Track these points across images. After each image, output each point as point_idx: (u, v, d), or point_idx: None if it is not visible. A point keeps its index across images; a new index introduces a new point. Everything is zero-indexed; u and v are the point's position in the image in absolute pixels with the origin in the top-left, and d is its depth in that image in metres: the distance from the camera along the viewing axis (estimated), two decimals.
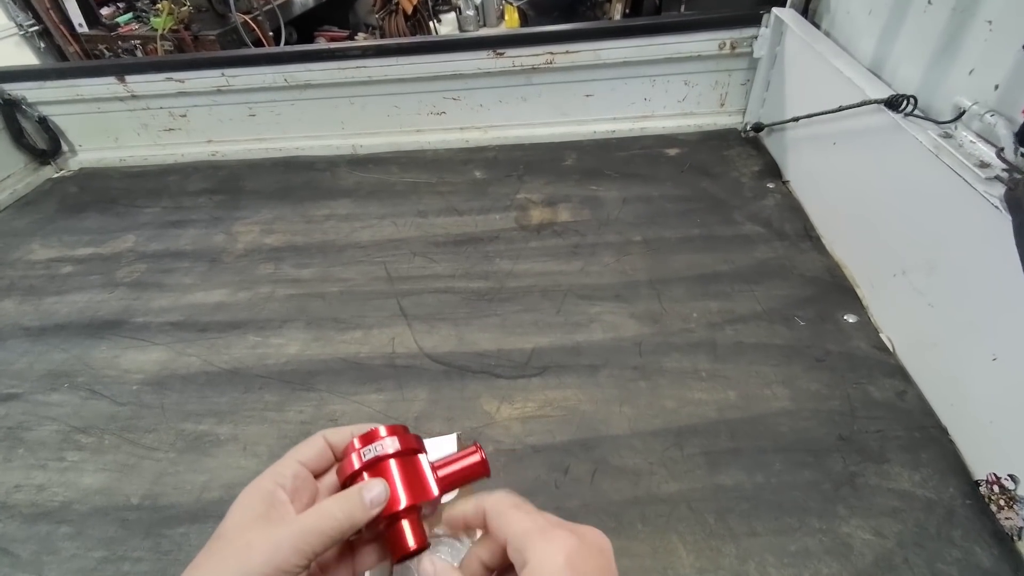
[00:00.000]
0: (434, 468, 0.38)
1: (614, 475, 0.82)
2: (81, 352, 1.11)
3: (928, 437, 0.83)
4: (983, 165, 0.77)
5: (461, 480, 0.38)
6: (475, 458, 0.39)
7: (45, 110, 1.71)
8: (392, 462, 0.36)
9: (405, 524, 0.36)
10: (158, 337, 1.13)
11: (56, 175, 1.80)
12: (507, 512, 0.34)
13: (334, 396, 0.98)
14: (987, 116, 0.80)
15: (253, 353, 1.08)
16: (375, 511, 0.34)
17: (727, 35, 1.48)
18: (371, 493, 0.34)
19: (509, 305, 1.13)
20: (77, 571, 0.77)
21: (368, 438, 0.37)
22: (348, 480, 0.36)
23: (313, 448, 0.38)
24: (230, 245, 1.38)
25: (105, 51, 2.55)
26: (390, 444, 0.36)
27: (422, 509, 0.37)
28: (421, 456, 0.38)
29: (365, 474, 0.36)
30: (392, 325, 1.11)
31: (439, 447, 0.60)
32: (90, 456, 0.92)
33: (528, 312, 1.11)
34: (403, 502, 0.35)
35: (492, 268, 1.23)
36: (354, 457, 0.36)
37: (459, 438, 0.61)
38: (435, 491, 0.37)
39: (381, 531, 0.36)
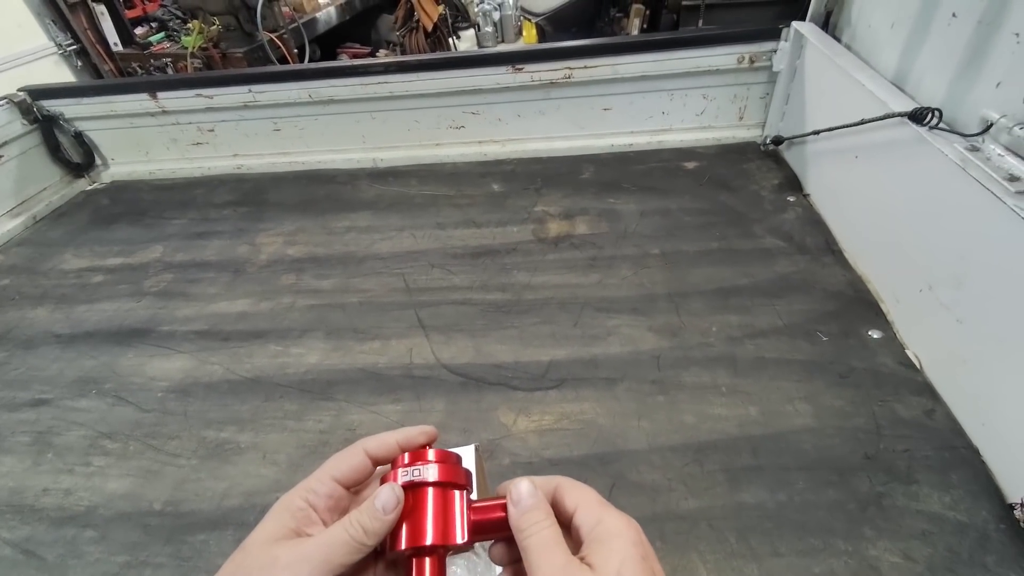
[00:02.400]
0: (472, 509, 0.36)
1: (632, 491, 0.81)
2: (109, 359, 1.14)
3: (958, 457, 0.80)
4: (1012, 179, 0.76)
5: (494, 530, 0.36)
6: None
7: (81, 125, 1.79)
8: (431, 491, 0.35)
9: (427, 563, 0.34)
10: (183, 345, 1.16)
11: (89, 187, 1.87)
12: (582, 487, 0.36)
13: (352, 406, 0.99)
14: (1016, 129, 0.78)
15: (274, 362, 1.09)
16: (390, 517, 0.34)
17: (746, 49, 1.48)
18: (380, 500, 0.34)
19: (526, 317, 1.13)
20: (101, 575, 0.78)
21: (417, 456, 0.36)
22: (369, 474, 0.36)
23: (350, 462, 0.37)
24: (254, 256, 1.41)
25: (138, 69, 2.64)
26: (433, 472, 0.35)
27: (450, 550, 0.36)
28: (463, 493, 0.37)
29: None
30: (410, 336, 1.12)
31: None
32: (115, 462, 0.94)
33: (545, 324, 1.11)
34: (429, 538, 0.34)
35: (510, 280, 1.23)
36: (399, 473, 0.35)
37: (477, 449, 0.61)
38: (463, 537, 0.35)
39: (403, 559, 0.35)
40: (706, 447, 0.85)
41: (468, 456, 0.61)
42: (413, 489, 0.35)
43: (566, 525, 0.35)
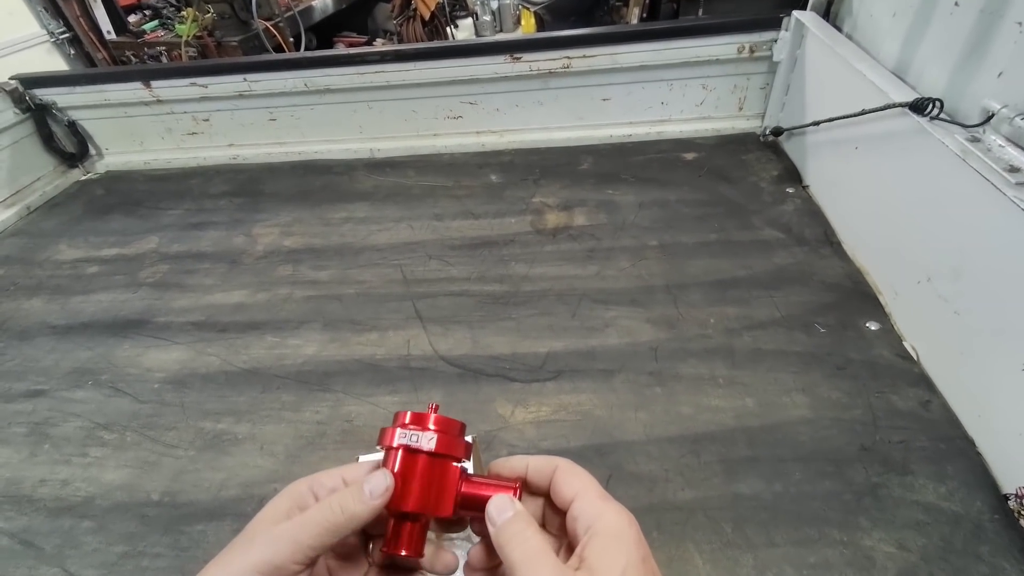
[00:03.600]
0: (466, 481, 0.36)
1: (629, 481, 0.81)
2: (105, 350, 1.14)
3: (954, 449, 0.81)
4: (1013, 170, 0.75)
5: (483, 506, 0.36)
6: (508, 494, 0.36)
7: (74, 115, 1.76)
8: (424, 460, 0.35)
9: (406, 527, 0.34)
10: (179, 336, 1.15)
11: (83, 178, 1.85)
12: (583, 474, 0.35)
13: (350, 397, 0.98)
14: (1017, 120, 0.78)
15: (271, 353, 1.09)
16: (376, 503, 0.33)
17: (746, 39, 1.47)
18: (370, 483, 0.33)
19: (524, 309, 1.13)
20: (99, 565, 0.78)
21: (419, 419, 0.36)
22: (382, 447, 0.36)
23: (361, 470, 0.37)
24: (250, 247, 1.40)
25: (132, 57, 2.61)
26: (430, 441, 0.35)
27: (432, 523, 0.36)
28: (459, 465, 0.36)
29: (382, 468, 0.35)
30: (408, 327, 1.11)
31: None
32: (112, 452, 0.94)
33: (543, 316, 1.10)
34: (411, 504, 0.34)
35: (507, 272, 1.23)
36: (398, 433, 0.35)
37: (474, 441, 0.61)
38: (449, 511, 0.35)
39: (383, 520, 0.35)
40: (703, 438, 0.86)
41: None
42: (408, 453, 0.35)
43: (562, 512, 0.34)
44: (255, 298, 1.24)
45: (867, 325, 1.01)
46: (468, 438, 0.62)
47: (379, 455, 0.38)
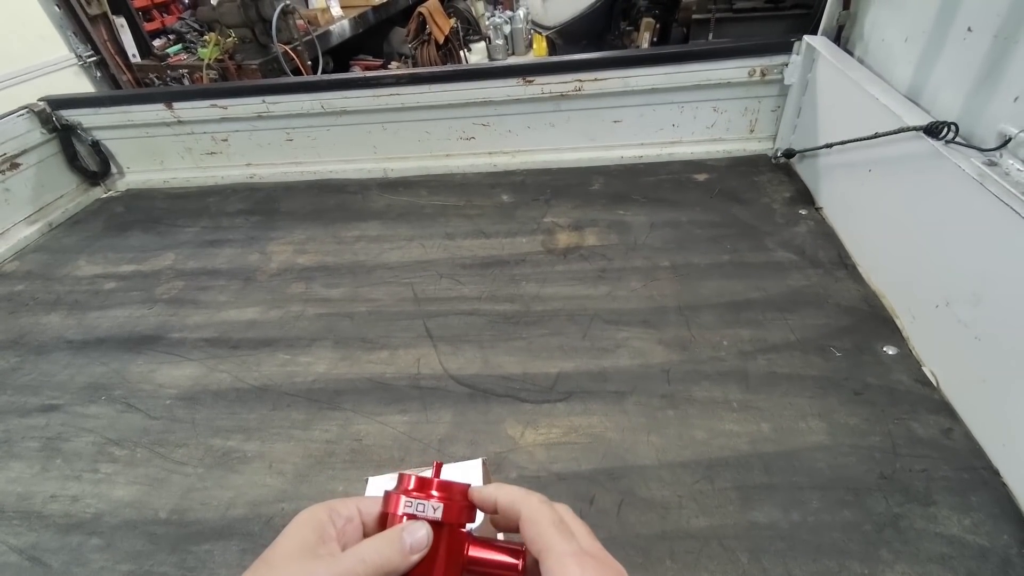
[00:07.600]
0: (472, 544, 0.36)
1: (641, 507, 0.79)
2: (119, 366, 1.15)
3: (978, 479, 0.78)
4: None
5: (490, 572, 0.36)
6: (515, 561, 0.36)
7: (98, 135, 1.82)
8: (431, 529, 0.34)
9: None
10: (192, 353, 1.16)
11: (105, 195, 1.89)
12: (547, 529, 0.33)
13: (359, 416, 0.98)
14: None
15: (282, 371, 1.09)
16: (415, 558, 0.32)
17: (757, 62, 1.48)
18: (412, 537, 0.33)
19: (535, 329, 1.12)
20: None
21: (424, 485, 0.36)
22: (386, 519, 0.35)
23: (378, 505, 0.37)
24: (264, 264, 1.42)
25: (155, 79, 2.70)
26: (436, 510, 0.34)
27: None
28: (463, 530, 0.36)
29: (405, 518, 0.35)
30: (418, 346, 1.11)
31: (464, 472, 0.59)
32: (122, 469, 0.94)
33: (554, 336, 1.10)
34: None
35: (518, 291, 1.23)
36: (402, 502, 0.34)
37: (484, 464, 0.60)
38: None
39: None
40: (717, 464, 0.84)
41: (475, 471, 0.60)
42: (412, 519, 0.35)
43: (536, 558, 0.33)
44: (268, 315, 1.25)
45: (884, 349, 0.99)
46: (479, 460, 0.61)
47: (389, 475, 0.38)
